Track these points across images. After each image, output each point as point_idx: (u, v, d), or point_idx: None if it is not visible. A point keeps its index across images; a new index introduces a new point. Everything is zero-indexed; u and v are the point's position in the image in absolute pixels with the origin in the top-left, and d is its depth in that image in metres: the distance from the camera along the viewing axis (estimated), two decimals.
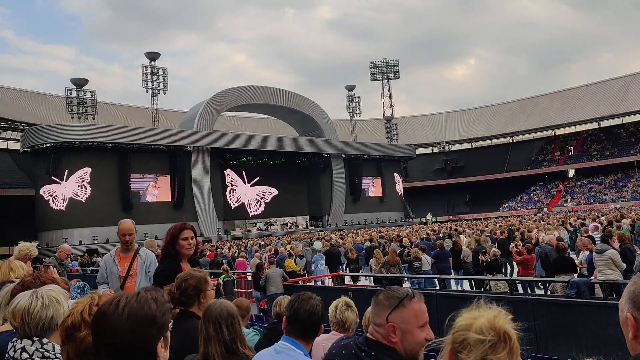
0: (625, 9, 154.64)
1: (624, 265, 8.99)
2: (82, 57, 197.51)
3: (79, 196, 45.46)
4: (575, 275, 9.73)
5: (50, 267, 5.79)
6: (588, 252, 10.20)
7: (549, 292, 9.86)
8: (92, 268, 26.16)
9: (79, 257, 33.65)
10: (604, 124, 72.98)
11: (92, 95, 51.48)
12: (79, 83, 51.13)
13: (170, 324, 1.60)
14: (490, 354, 1.35)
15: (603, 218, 23.72)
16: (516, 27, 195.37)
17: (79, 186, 45.58)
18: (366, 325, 3.27)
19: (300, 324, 2.50)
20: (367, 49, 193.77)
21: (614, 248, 9.32)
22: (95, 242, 44.52)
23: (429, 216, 64.82)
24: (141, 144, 47.90)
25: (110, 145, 46.12)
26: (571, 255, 13.15)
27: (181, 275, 3.08)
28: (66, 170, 45.00)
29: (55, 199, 45.01)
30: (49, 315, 2.06)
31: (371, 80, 78.69)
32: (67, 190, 45.07)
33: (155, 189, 50.28)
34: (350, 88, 72.23)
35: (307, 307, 2.55)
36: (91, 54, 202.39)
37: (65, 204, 44.94)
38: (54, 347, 2.03)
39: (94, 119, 50.90)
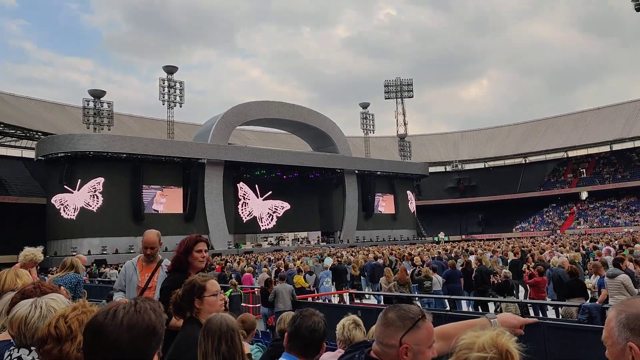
0: (635, 33, 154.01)
1: (637, 290, 8.89)
2: (100, 69, 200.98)
3: (91, 206, 45.84)
4: (587, 299, 9.63)
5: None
6: (600, 276, 10.10)
7: (560, 316, 9.76)
8: (100, 279, 26.20)
9: (87, 267, 33.85)
10: (616, 147, 72.41)
11: (109, 107, 52.29)
12: (97, 94, 51.98)
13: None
14: None
15: (616, 242, 23.44)
16: (528, 49, 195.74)
17: (91, 196, 45.98)
18: None
19: (302, 340, 2.46)
20: (382, 67, 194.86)
21: (626, 273, 9.23)
22: (105, 252, 44.75)
23: (441, 235, 64.37)
24: (155, 156, 48.38)
25: (124, 155, 46.61)
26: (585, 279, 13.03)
27: (185, 281, 3.09)
28: (79, 180, 45.47)
29: (67, 208, 45.41)
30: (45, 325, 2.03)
31: (385, 99, 78.99)
32: (78, 199, 45.49)
33: (163, 197, 50.40)
34: (365, 105, 72.62)
35: (308, 324, 2.50)
36: (110, 66, 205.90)
37: (76, 213, 45.32)
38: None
39: (109, 129, 51.60)
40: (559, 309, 11.00)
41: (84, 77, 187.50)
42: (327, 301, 15.83)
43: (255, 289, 15.78)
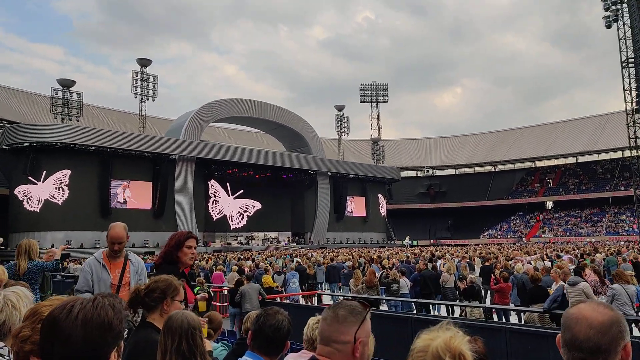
0: (604, 50, 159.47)
1: (596, 298, 9.20)
2: (70, 58, 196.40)
3: (56, 198, 44.65)
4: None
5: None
6: (561, 283, 10.41)
7: (523, 321, 10.00)
8: (63, 274, 25.49)
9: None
10: (582, 159, 74.79)
11: (78, 97, 51.04)
12: (66, 84, 50.70)
13: (125, 332, 1.52)
14: None
15: (578, 251, 24.16)
16: (502, 60, 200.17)
17: (56, 188, 44.78)
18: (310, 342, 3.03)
19: (265, 339, 2.44)
20: (358, 70, 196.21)
21: (586, 281, 9.54)
22: (69, 246, 43.64)
23: (407, 239, 65.07)
24: (125, 150, 47.41)
25: (93, 148, 45.51)
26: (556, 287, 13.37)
27: (154, 277, 2.98)
28: (44, 171, 44.23)
29: (30, 199, 44.11)
30: (0, 319, 1.98)
31: (360, 102, 79.57)
32: (43, 191, 44.24)
33: (132, 192, 49.28)
34: (340, 108, 73.03)
35: (272, 322, 2.47)
36: (80, 55, 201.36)
37: (40, 206, 44.07)
38: (9, 351, 1.94)
39: (78, 120, 50.35)
40: (522, 314, 11.30)
41: (52, 66, 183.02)
42: (294, 302, 15.83)
43: (224, 288, 15.67)
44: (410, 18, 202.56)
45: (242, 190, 59.42)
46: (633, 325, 8.54)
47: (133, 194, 49.44)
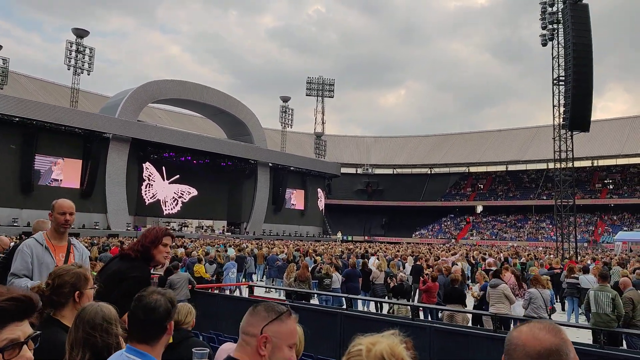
0: (539, 65, 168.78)
1: (515, 299, 9.74)
2: None
3: None
4: (464, 306, 10.41)
5: None
6: (484, 283, 10.99)
7: (443, 320, 10.41)
8: None
9: None
10: (511, 167, 78.89)
11: (3, 63, 47.61)
12: None
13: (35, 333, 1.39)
14: None
15: (501, 255, 25.46)
16: (446, 65, 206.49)
17: None
18: None
19: (138, 323, 2.11)
20: (306, 62, 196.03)
21: (505, 282, 10.06)
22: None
23: (339, 234, 65.97)
24: (54, 124, 44.63)
25: (17, 119, 42.49)
26: (472, 286, 14.04)
27: (56, 270, 2.71)
28: None
29: None
30: None
31: (306, 95, 79.63)
32: None
33: (59, 169, 46.72)
34: (285, 99, 72.75)
35: (145, 303, 2.14)
36: (10, 19, 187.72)
37: None
38: None
39: (2, 88, 46.93)
40: (439, 312, 11.77)
41: None
42: (229, 292, 15.63)
43: (153, 275, 15.16)
44: (361, 15, 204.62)
45: (178, 176, 57.90)
46: None
47: (60, 172, 46.87)
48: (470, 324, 10.09)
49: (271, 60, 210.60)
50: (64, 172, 47.03)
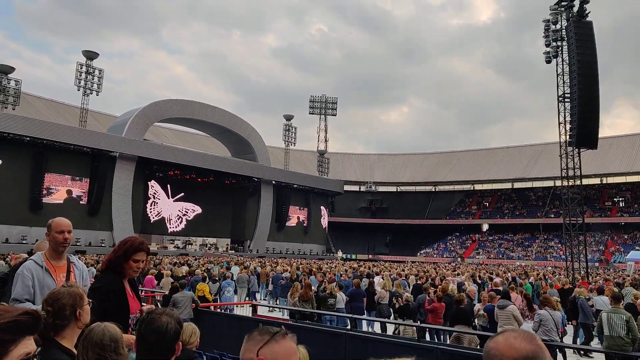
0: (544, 82, 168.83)
1: (522, 321, 9.57)
2: (9, 42, 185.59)
3: None
4: (470, 326, 10.22)
5: None
6: (487, 304, 10.80)
7: (449, 341, 10.23)
8: None
9: None
10: (517, 185, 78.41)
11: (16, 85, 48.35)
12: (4, 70, 47.88)
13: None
14: None
15: (509, 274, 25.16)
16: (449, 82, 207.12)
17: None
18: None
19: (147, 347, 2.12)
20: (308, 81, 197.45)
21: (513, 304, 9.90)
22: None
23: (339, 253, 65.53)
24: (63, 143, 45.26)
25: (27, 139, 43.16)
26: (477, 306, 13.80)
27: (50, 295, 2.68)
28: None
29: None
30: None
31: (309, 114, 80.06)
32: None
33: (66, 188, 47.17)
34: (289, 117, 73.17)
35: (155, 326, 2.15)
36: (20, 40, 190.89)
37: None
38: None
39: (14, 109, 47.62)
40: (449, 334, 11.57)
41: None
42: (228, 311, 15.47)
43: (157, 293, 15.07)
44: (362, 34, 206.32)
45: (182, 193, 58.06)
46: (557, 350, 8.89)
47: (68, 190, 47.20)
48: (478, 347, 9.91)
49: (274, 79, 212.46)
50: (72, 190, 47.36)
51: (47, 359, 2.40)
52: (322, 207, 73.17)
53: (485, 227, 76.59)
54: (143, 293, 14.17)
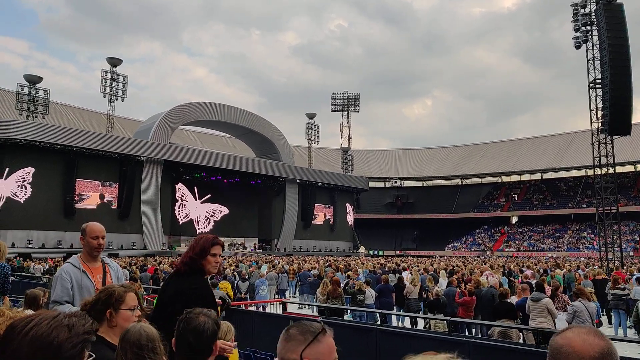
0: (573, 67, 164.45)
1: (557, 314, 9.37)
2: (35, 52, 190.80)
3: (18, 196, 43.29)
4: (515, 320, 10.04)
5: None
6: (521, 298, 10.60)
7: (487, 335, 10.09)
8: (23, 273, 24.61)
9: (8, 260, 31.75)
10: (546, 176, 76.79)
11: (45, 94, 49.73)
12: (32, 80, 49.28)
13: (91, 358, 1.41)
14: None
15: (539, 266, 24.70)
16: (473, 73, 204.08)
17: (18, 186, 43.46)
18: None
19: (187, 346, 2.17)
20: (330, 77, 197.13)
21: (547, 296, 9.70)
22: (30, 246, 42.32)
23: (362, 249, 65.25)
24: (92, 149, 46.42)
25: (58, 146, 44.38)
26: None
27: (101, 289, 2.83)
28: (7, 168, 42.86)
29: None
30: None
31: (332, 111, 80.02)
32: (5, 189, 42.83)
33: (97, 193, 48.44)
34: (311, 116, 73.22)
35: (193, 326, 2.18)
36: (46, 50, 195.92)
37: (1, 203, 42.63)
38: None
39: (44, 118, 49.03)
40: (483, 328, 11.41)
41: (17, 60, 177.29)
42: (262, 309, 15.62)
43: None
44: (383, 28, 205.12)
45: (209, 195, 58.78)
46: None
47: (98, 195, 48.43)
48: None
49: (295, 77, 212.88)
50: (102, 195, 48.57)
51: (95, 353, 2.47)
52: (347, 204, 73.10)
53: (514, 219, 75.29)
54: None
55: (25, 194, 43.63)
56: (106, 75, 52.86)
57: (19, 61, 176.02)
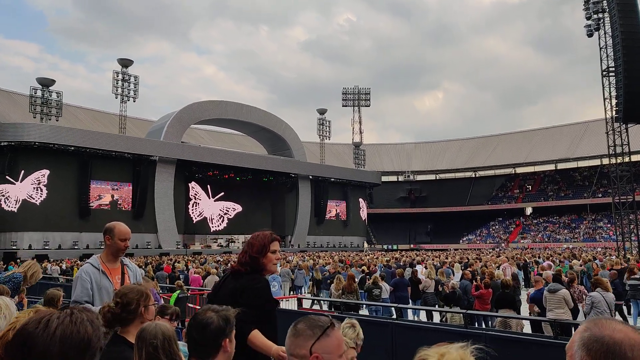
0: (586, 55, 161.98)
1: (572, 304, 9.27)
2: (46, 55, 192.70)
3: (34, 198, 43.89)
4: (516, 311, 10.01)
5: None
6: (537, 289, 10.53)
7: (496, 326, 10.04)
8: (43, 275, 24.91)
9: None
10: (560, 166, 75.87)
11: (58, 97, 50.32)
12: (45, 83, 49.89)
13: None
14: None
15: (555, 257, 24.45)
16: (484, 64, 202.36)
17: (34, 188, 44.05)
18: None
19: (192, 340, 2.15)
20: (340, 72, 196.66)
21: (565, 287, 9.61)
22: (47, 247, 42.92)
23: (365, 244, 65.11)
24: (105, 150, 46.84)
25: (72, 148, 44.87)
26: (527, 291, 13.48)
27: (120, 289, 2.87)
28: (22, 171, 43.48)
29: (8, 199, 43.29)
30: None
31: (342, 106, 79.81)
32: (21, 191, 43.45)
33: (112, 194, 48.94)
34: (322, 111, 73.12)
35: (197, 321, 2.16)
36: (56, 53, 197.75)
37: (17, 206, 43.26)
38: None
39: (57, 120, 49.62)
40: (496, 319, 11.36)
41: (28, 63, 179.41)
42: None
43: (205, 291, 15.40)
44: (392, 20, 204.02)
45: (222, 193, 59.07)
46: None
47: (113, 196, 48.91)
48: (524, 330, 9.69)
49: (305, 73, 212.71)
50: (117, 196, 49.04)
51: (116, 354, 2.51)
52: (360, 199, 73.01)
53: (529, 210, 74.61)
54: (190, 292, 14.50)
55: (41, 196, 44.21)
56: (117, 76, 53.30)
57: (30, 64, 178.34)
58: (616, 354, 1.18)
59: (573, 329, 9.06)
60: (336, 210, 69.72)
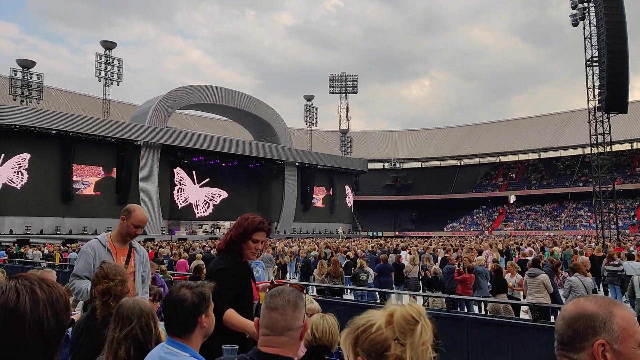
0: (571, 45, 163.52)
1: (552, 289, 9.49)
2: (25, 36, 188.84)
3: (14, 183, 43.21)
4: (506, 296, 10.20)
5: None
6: (517, 275, 10.76)
7: (488, 312, 10.22)
8: (21, 259, 24.65)
9: (7, 247, 31.85)
10: (544, 155, 76.76)
11: (38, 79, 49.34)
12: (26, 65, 48.86)
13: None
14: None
15: (537, 244, 24.88)
16: (470, 53, 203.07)
17: (15, 172, 43.34)
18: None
19: (168, 319, 2.13)
20: (327, 58, 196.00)
21: (544, 272, 9.81)
22: (28, 232, 42.41)
23: (340, 230, 65.12)
24: (88, 134, 46.15)
25: (54, 132, 44.13)
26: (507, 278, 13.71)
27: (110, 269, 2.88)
28: (2, 155, 42.72)
29: None
30: None
31: (330, 93, 79.65)
32: (1, 175, 42.71)
33: (95, 178, 48.36)
34: (309, 98, 72.88)
35: (172, 297, 2.13)
36: (36, 34, 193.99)
37: None
38: None
39: (38, 103, 48.69)
40: (482, 304, 11.56)
41: (7, 43, 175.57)
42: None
43: (188, 276, 15.40)
44: (380, 7, 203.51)
45: (208, 179, 58.80)
46: None
47: (96, 180, 48.37)
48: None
49: (292, 59, 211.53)
50: (100, 180, 48.47)
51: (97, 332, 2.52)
52: (346, 187, 73.23)
53: (512, 198, 75.55)
54: (175, 277, 14.46)
55: (21, 181, 43.53)
56: (100, 59, 52.37)
57: (10, 45, 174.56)
58: (595, 327, 1.26)
59: (551, 312, 9.28)
60: (322, 197, 69.87)
